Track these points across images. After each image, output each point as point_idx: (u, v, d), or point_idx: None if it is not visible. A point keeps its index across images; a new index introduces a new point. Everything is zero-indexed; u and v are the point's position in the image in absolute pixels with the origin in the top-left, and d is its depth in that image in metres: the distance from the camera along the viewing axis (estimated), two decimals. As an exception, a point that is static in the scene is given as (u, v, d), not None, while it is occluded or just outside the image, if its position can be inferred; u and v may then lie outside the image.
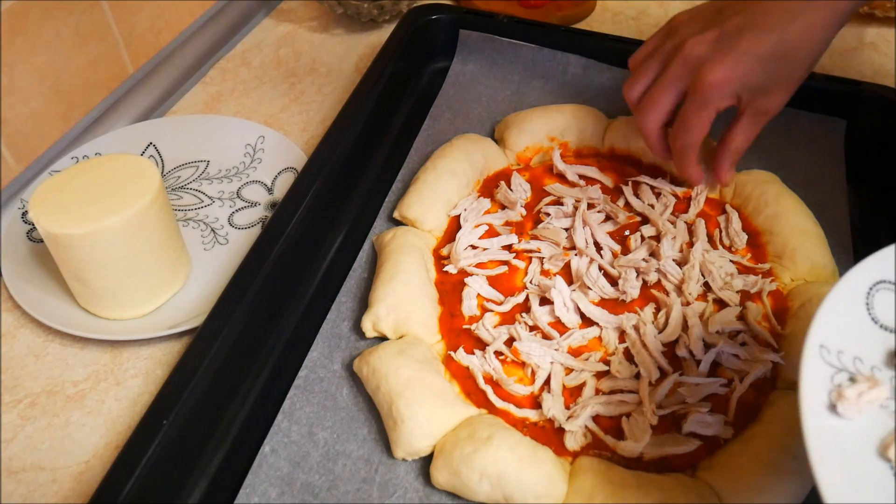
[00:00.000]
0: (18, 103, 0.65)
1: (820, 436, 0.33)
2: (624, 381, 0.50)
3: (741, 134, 0.59)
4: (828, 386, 0.35)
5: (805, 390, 0.34)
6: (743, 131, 0.58)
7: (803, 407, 0.34)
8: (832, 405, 0.35)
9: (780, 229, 0.59)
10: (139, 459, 0.44)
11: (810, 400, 0.34)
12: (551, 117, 0.69)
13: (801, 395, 0.34)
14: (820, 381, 0.35)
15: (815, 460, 0.32)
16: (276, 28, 0.90)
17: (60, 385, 0.55)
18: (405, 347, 0.51)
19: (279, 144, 0.72)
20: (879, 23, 0.89)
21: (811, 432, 0.33)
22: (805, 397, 0.34)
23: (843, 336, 0.37)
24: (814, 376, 0.35)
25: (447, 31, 0.78)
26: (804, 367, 0.35)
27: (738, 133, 0.59)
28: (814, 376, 0.35)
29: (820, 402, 0.35)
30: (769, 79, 0.55)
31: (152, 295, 0.58)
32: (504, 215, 0.62)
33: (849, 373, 0.36)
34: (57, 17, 0.67)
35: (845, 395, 0.35)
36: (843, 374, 0.36)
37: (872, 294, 0.39)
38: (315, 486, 0.47)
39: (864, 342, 0.37)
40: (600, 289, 0.56)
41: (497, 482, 0.44)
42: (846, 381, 0.36)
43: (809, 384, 0.35)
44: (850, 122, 0.68)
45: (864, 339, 0.38)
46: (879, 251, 0.40)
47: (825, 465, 0.32)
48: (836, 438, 0.34)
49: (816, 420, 0.34)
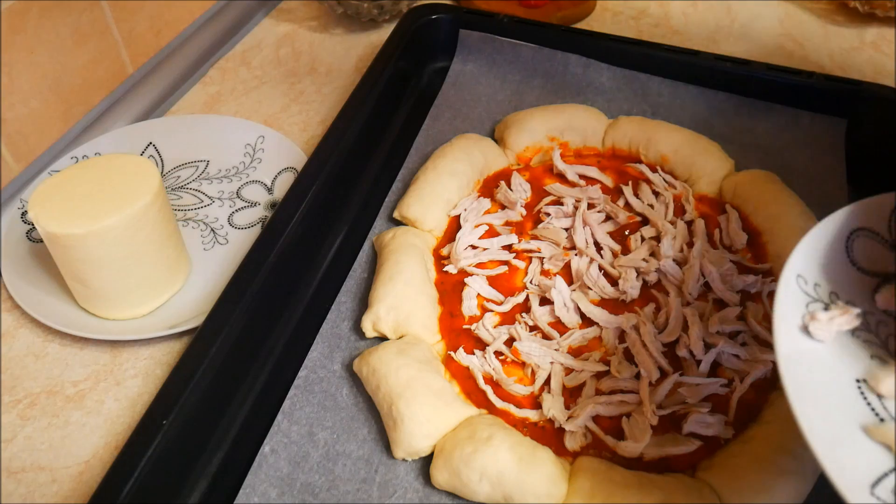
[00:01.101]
0: (18, 103, 0.65)
1: (792, 357, 0.34)
2: (624, 381, 0.50)
3: None
4: (802, 311, 0.36)
5: (779, 313, 0.36)
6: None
7: (777, 328, 0.35)
8: (804, 327, 0.36)
9: (780, 229, 0.59)
10: (139, 459, 0.44)
11: (784, 322, 0.36)
12: (551, 117, 0.69)
13: (774, 318, 0.35)
14: (795, 306, 0.36)
15: (788, 379, 0.33)
16: (276, 28, 0.90)
17: (60, 385, 0.55)
18: (405, 347, 0.51)
19: (279, 144, 0.72)
20: (879, 22, 0.89)
21: (783, 351, 0.34)
22: (779, 319, 0.35)
23: (822, 271, 0.38)
24: (789, 301, 0.36)
25: (447, 31, 0.78)
26: (780, 292, 0.36)
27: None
28: (789, 301, 0.36)
29: (793, 324, 0.36)
30: None
31: (152, 295, 0.58)
32: (504, 215, 0.62)
33: (823, 303, 0.37)
34: (57, 16, 0.67)
35: (817, 317, 0.36)
36: (818, 304, 0.37)
37: (853, 239, 0.40)
38: (315, 487, 0.47)
39: (841, 280, 0.39)
40: (600, 289, 0.56)
41: (497, 482, 0.44)
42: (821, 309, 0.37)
43: (784, 308, 0.36)
44: (850, 122, 0.68)
45: (841, 277, 0.39)
46: (863, 200, 0.41)
47: (797, 383, 0.33)
48: (807, 359, 0.35)
49: (789, 340, 0.35)
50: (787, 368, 0.33)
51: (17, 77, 0.64)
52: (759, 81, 0.70)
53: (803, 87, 0.69)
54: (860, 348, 0.37)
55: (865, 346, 0.37)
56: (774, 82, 0.70)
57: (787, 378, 0.33)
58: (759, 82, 0.70)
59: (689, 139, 0.66)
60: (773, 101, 0.70)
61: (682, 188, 0.64)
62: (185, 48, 0.83)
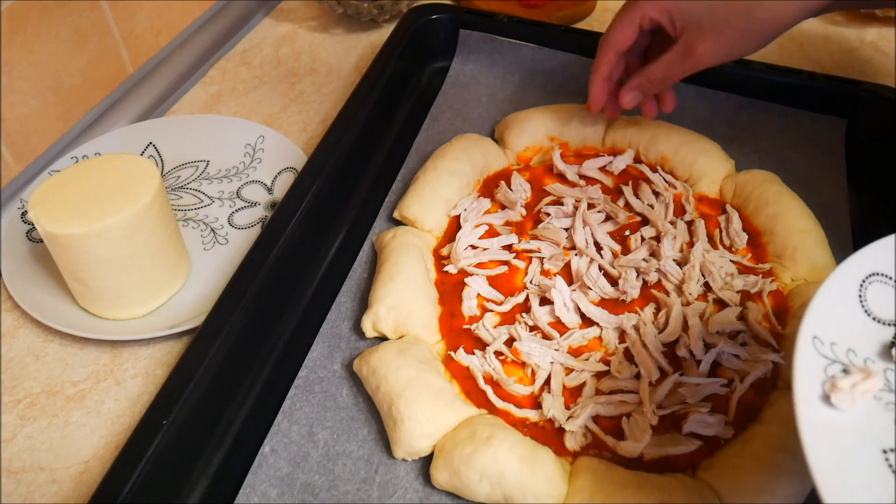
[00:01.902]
0: (18, 103, 0.65)
1: (814, 427, 0.33)
2: (624, 381, 0.50)
3: (663, 65, 0.56)
4: (821, 377, 0.35)
5: (799, 382, 0.34)
6: (665, 63, 0.56)
7: (797, 398, 0.34)
8: (826, 396, 0.35)
9: (780, 229, 0.59)
10: (139, 459, 0.44)
11: (804, 391, 0.34)
12: (551, 117, 0.69)
13: (794, 387, 0.34)
14: (813, 373, 0.35)
15: (810, 452, 0.32)
16: (275, 28, 0.90)
17: (60, 385, 0.55)
18: (405, 347, 0.51)
19: (279, 144, 0.72)
20: (880, 23, 0.89)
21: (805, 424, 0.33)
22: (799, 388, 0.34)
23: (837, 328, 0.37)
24: (807, 367, 0.35)
25: (447, 31, 0.78)
26: (798, 358, 0.35)
27: (661, 63, 0.56)
28: (807, 367, 0.35)
29: (814, 394, 0.35)
30: (708, 17, 0.53)
31: (152, 295, 0.58)
32: (504, 215, 0.62)
33: (842, 364, 0.36)
34: (57, 16, 0.67)
35: (839, 385, 0.34)
36: (836, 365, 0.36)
37: (865, 286, 0.39)
38: (315, 486, 0.47)
39: (857, 334, 0.38)
40: (600, 289, 0.56)
41: (497, 482, 0.44)
42: (839, 373, 0.36)
43: (803, 375, 0.35)
44: (850, 122, 0.68)
45: (857, 331, 0.38)
46: (872, 243, 0.40)
47: (820, 456, 0.32)
48: (830, 430, 0.34)
49: (810, 411, 0.34)
50: (809, 442, 0.32)
51: (17, 77, 0.64)
52: (759, 81, 0.70)
53: (803, 87, 0.69)
54: (884, 412, 0.35)
55: (888, 409, 0.35)
56: (774, 82, 0.70)
57: (810, 452, 0.32)
58: (759, 82, 0.70)
59: (689, 139, 0.66)
60: (773, 101, 0.70)
61: (683, 188, 0.64)
62: (185, 48, 0.83)
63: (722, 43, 0.53)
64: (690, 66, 0.55)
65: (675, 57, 0.55)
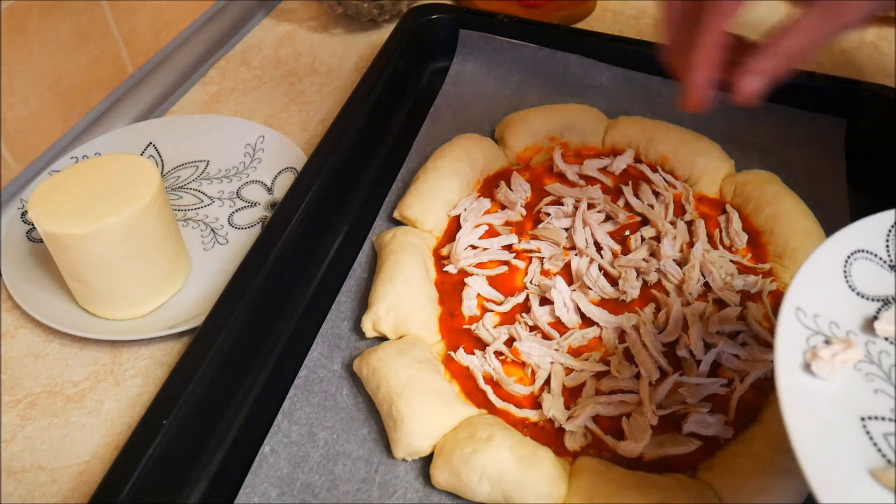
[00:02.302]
0: (18, 103, 0.65)
1: (794, 394, 0.34)
2: (624, 381, 0.50)
3: (803, 32, 0.42)
4: (803, 347, 0.36)
5: (780, 349, 0.35)
6: (805, 30, 0.42)
7: (778, 365, 0.34)
8: (807, 364, 0.35)
9: (780, 229, 0.59)
10: (139, 459, 0.44)
11: (785, 359, 0.35)
12: (551, 117, 0.69)
13: (776, 354, 0.35)
14: (795, 342, 0.36)
15: (789, 417, 0.32)
16: (275, 28, 0.90)
17: (60, 385, 0.55)
18: (405, 347, 0.51)
19: (279, 144, 0.72)
20: (880, 22, 0.89)
21: (785, 390, 0.34)
22: (780, 356, 0.35)
23: (821, 301, 0.38)
24: (789, 337, 0.35)
25: (447, 31, 0.78)
26: (780, 327, 0.35)
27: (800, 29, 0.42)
28: (789, 337, 0.35)
29: (794, 362, 0.35)
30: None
31: (152, 295, 0.58)
32: (504, 215, 0.62)
33: (824, 336, 0.36)
34: (57, 16, 0.67)
35: (819, 354, 0.35)
36: (818, 336, 0.36)
37: (850, 262, 0.39)
38: (315, 487, 0.47)
39: (840, 308, 0.38)
40: (600, 289, 0.56)
41: (497, 482, 0.44)
42: (821, 343, 0.36)
43: (785, 344, 0.35)
44: (850, 121, 0.68)
45: (840, 305, 0.38)
46: (858, 221, 0.41)
47: (799, 421, 0.32)
48: (810, 396, 0.34)
49: (791, 378, 0.34)
50: (789, 408, 0.33)
51: (17, 77, 0.64)
52: (759, 81, 0.70)
53: (803, 87, 0.69)
54: (864, 382, 0.36)
55: (868, 379, 0.36)
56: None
57: (789, 418, 0.32)
58: (759, 82, 0.70)
59: (689, 139, 0.66)
60: (773, 101, 0.70)
61: (683, 188, 0.64)
62: (185, 48, 0.83)
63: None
64: (836, 27, 0.42)
65: (817, 20, 0.42)
